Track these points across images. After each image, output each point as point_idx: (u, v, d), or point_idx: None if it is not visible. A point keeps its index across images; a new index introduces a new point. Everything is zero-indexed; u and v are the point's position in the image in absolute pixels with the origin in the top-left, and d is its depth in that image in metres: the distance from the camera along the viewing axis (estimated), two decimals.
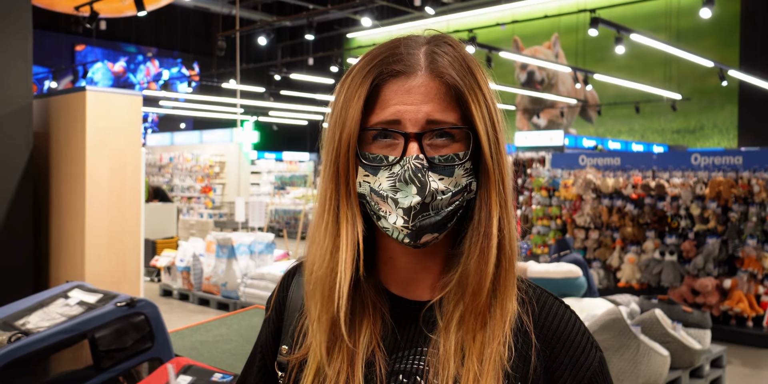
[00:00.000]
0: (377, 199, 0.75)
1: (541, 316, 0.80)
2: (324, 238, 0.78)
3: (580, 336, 0.80)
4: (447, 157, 0.74)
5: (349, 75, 0.78)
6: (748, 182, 5.76)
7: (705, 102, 16.73)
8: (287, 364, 0.84)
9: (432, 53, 0.76)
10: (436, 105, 0.74)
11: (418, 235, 0.74)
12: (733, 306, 5.78)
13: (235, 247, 6.96)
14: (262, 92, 16.82)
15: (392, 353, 0.79)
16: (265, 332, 0.92)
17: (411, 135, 0.73)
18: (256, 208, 8.28)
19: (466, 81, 0.74)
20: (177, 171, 14.91)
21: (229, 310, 6.89)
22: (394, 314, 0.81)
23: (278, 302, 0.91)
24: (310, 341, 0.80)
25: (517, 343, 0.77)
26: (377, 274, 0.82)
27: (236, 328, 3.21)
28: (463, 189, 0.76)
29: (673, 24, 15.40)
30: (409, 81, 0.74)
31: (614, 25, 9.24)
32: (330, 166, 0.78)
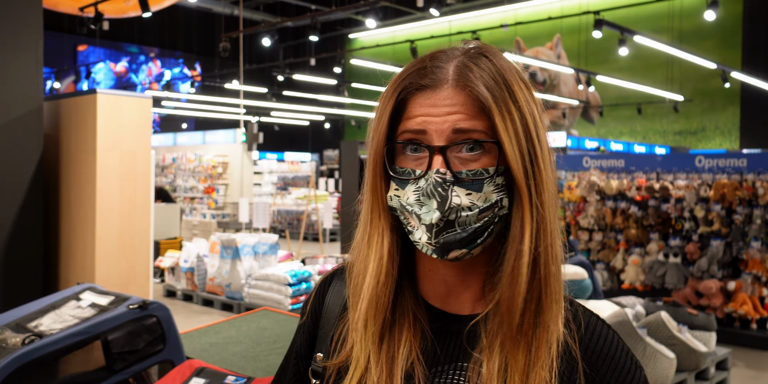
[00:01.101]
0: (406, 213, 0.76)
1: (586, 336, 0.79)
2: (368, 250, 0.79)
3: (624, 357, 0.79)
4: (475, 172, 0.73)
5: (385, 91, 0.79)
6: (753, 184, 5.77)
7: (707, 103, 16.74)
8: (322, 371, 0.85)
9: (462, 66, 0.74)
10: (463, 115, 0.72)
11: (444, 250, 0.73)
12: (737, 308, 5.79)
13: (240, 247, 6.97)
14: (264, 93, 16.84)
15: (432, 366, 0.79)
16: (300, 338, 0.92)
17: (435, 148, 0.72)
18: (260, 209, 8.29)
19: (496, 93, 0.72)
20: (180, 171, 14.93)
21: (233, 311, 6.90)
22: (434, 327, 0.80)
23: (314, 309, 0.91)
24: (350, 347, 0.81)
25: (562, 366, 0.76)
26: (417, 286, 0.82)
27: (245, 330, 3.22)
28: (493, 205, 0.73)
29: (676, 25, 15.42)
30: (435, 94, 0.74)
31: (618, 26, 9.25)
32: (369, 179, 0.80)
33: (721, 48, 15.88)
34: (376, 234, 0.79)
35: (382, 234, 0.78)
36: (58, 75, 18.79)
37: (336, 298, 0.89)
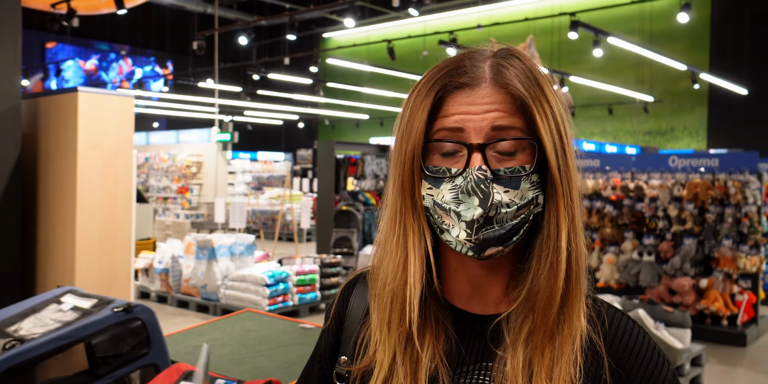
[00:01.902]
0: (440, 212, 0.75)
1: (610, 332, 0.79)
2: (396, 251, 0.78)
3: (651, 351, 0.79)
4: (513, 170, 0.73)
5: (415, 89, 0.78)
6: (725, 184, 5.90)
7: (676, 104, 17.05)
8: (346, 374, 0.84)
9: (497, 65, 0.75)
10: (501, 113, 0.73)
11: (482, 248, 0.73)
12: (709, 305, 5.92)
13: (216, 248, 6.91)
14: (238, 92, 16.69)
15: (456, 368, 0.79)
16: (324, 342, 0.92)
17: (474, 146, 0.72)
18: (237, 209, 8.22)
19: (532, 92, 0.74)
20: (153, 171, 14.72)
21: (209, 313, 6.84)
22: (457, 328, 0.80)
23: (338, 313, 0.90)
24: (373, 352, 0.80)
25: (587, 362, 0.76)
26: (441, 287, 0.82)
27: (230, 332, 3.19)
28: (530, 202, 0.74)
29: (647, 27, 15.67)
30: (474, 92, 0.74)
31: (593, 28, 9.37)
32: (397, 178, 0.78)
33: (690, 50, 16.18)
34: (413, 234, 0.77)
35: (421, 234, 0.77)
36: (26, 73, 18.40)
37: (359, 303, 0.88)
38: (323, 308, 7.15)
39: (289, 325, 3.31)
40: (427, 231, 0.78)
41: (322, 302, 7.04)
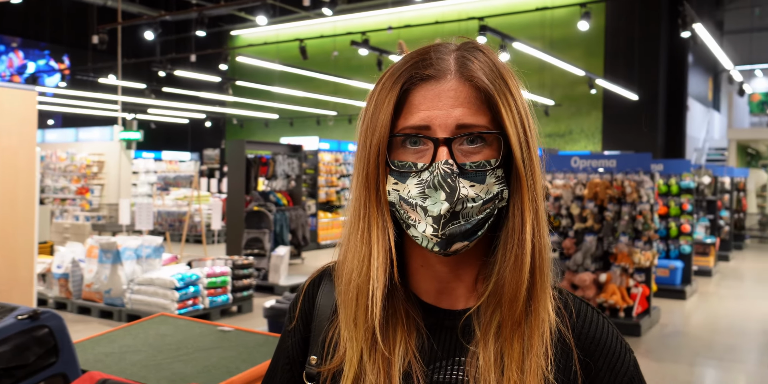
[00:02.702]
0: (406, 207, 0.74)
1: (578, 323, 0.80)
2: (360, 246, 0.77)
3: (615, 341, 0.81)
4: (479, 164, 0.73)
5: (380, 81, 0.77)
6: (622, 184, 6.27)
7: (574, 108, 17.91)
8: (317, 374, 0.83)
9: (462, 58, 0.75)
10: (467, 109, 0.72)
11: (448, 243, 0.73)
12: (608, 298, 6.27)
13: (121, 251, 6.62)
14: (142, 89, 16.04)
15: (429, 363, 0.78)
16: (290, 342, 0.89)
17: (440, 140, 0.72)
18: (144, 210, 7.91)
19: (497, 85, 0.73)
20: (49, 171, 13.88)
21: (113, 319, 6.54)
22: (428, 323, 0.79)
23: (304, 312, 0.88)
24: (343, 351, 0.79)
25: (557, 353, 0.77)
26: (408, 282, 0.81)
27: (143, 337, 3.07)
28: (495, 197, 0.74)
29: (547, 34, 16.37)
30: (439, 85, 0.73)
31: (499, 33, 9.70)
32: (361, 172, 0.77)
33: (587, 57, 17.04)
34: (376, 229, 0.76)
35: (385, 228, 0.76)
36: None
37: (327, 300, 0.86)
38: (235, 311, 7.01)
39: (206, 328, 3.23)
40: (390, 226, 0.77)
41: (234, 304, 6.90)
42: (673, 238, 8.59)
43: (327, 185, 13.64)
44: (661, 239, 8.56)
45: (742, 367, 5.39)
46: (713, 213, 10.99)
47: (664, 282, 8.10)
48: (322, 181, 13.43)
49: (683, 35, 9.81)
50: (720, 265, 11.08)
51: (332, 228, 13.29)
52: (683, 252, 8.47)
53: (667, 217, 8.62)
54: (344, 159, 14.29)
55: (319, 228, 12.76)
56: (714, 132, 20.88)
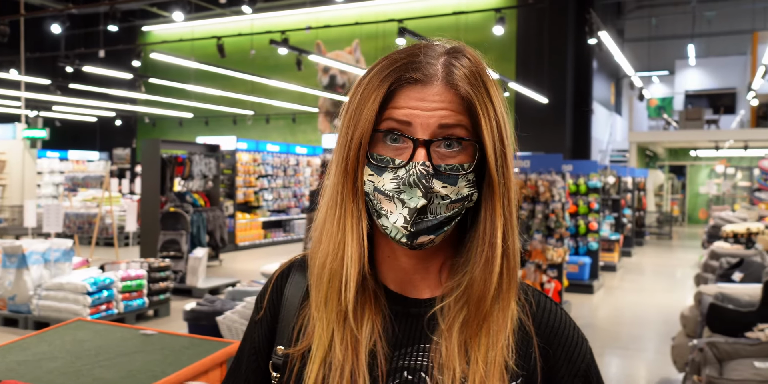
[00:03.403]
0: (380, 197, 0.77)
1: (538, 315, 0.85)
2: (335, 232, 0.80)
3: (572, 331, 0.86)
4: (453, 167, 0.76)
5: (366, 76, 0.80)
6: (535, 183, 6.55)
7: None
8: (283, 363, 0.85)
9: (450, 65, 0.78)
10: (449, 112, 0.76)
11: (415, 236, 0.76)
12: None
13: (27, 255, 6.28)
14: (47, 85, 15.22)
15: (394, 348, 0.81)
16: (258, 333, 0.91)
17: (420, 141, 0.75)
18: (52, 212, 7.54)
19: (478, 94, 0.77)
20: None
21: (19, 326, 6.21)
22: (393, 310, 0.83)
23: (272, 303, 0.90)
24: (312, 334, 0.82)
25: (520, 343, 0.81)
26: (375, 271, 0.84)
27: (59, 343, 2.95)
28: (464, 198, 0.78)
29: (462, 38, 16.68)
30: (425, 89, 0.76)
31: (418, 35, 9.88)
32: (341, 162, 0.80)
33: (500, 61, 17.55)
34: (351, 216, 0.80)
35: (360, 217, 0.80)
36: None
37: (295, 290, 0.89)
38: (151, 315, 6.81)
39: (128, 332, 3.14)
40: (365, 215, 0.80)
41: (150, 308, 6.70)
42: (581, 236, 9.03)
43: (245, 186, 13.43)
44: (571, 236, 8.98)
45: (645, 355, 5.76)
46: (617, 211, 11.63)
47: (574, 277, 8.50)
48: (240, 182, 13.22)
49: (590, 42, 10.33)
50: (623, 260, 11.74)
51: (251, 229, 13.11)
52: (591, 248, 8.92)
53: (577, 215, 9.06)
54: (262, 159, 14.11)
55: (237, 229, 12.55)
56: (617, 134, 22.04)
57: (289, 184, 14.92)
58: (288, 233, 14.48)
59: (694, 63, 21.71)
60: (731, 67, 21.69)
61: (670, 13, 20.19)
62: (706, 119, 17.68)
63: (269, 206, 14.18)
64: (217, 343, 2.96)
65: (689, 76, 22.47)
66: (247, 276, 9.06)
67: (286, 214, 14.64)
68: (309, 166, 15.64)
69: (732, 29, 20.20)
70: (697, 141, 18.02)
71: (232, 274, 9.39)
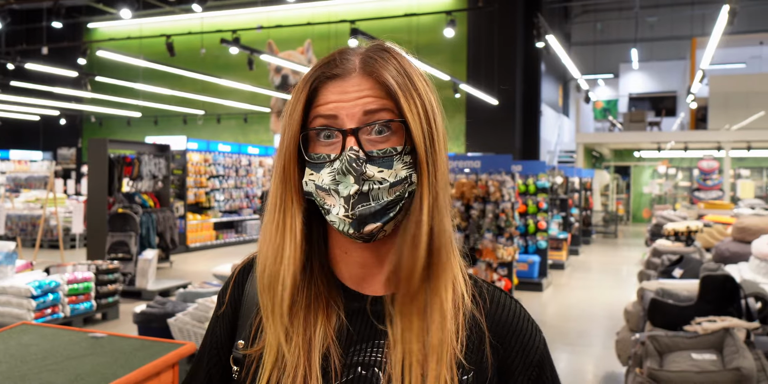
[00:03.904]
0: (322, 193, 0.79)
1: (491, 310, 0.86)
2: (274, 235, 0.81)
3: (526, 323, 0.88)
4: (385, 151, 0.78)
5: (296, 85, 0.83)
6: (486, 183, 6.67)
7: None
8: (243, 358, 0.86)
9: (367, 58, 0.81)
10: (371, 98, 0.78)
11: (361, 224, 0.77)
12: None
13: None
14: None
15: (349, 346, 0.82)
16: (219, 328, 0.92)
17: (348, 131, 0.77)
18: None
19: (399, 79, 0.79)
20: None
21: None
22: (349, 308, 0.84)
23: (233, 298, 0.92)
24: (266, 335, 0.82)
25: (471, 337, 0.82)
26: (330, 270, 0.86)
27: (3, 348, 2.88)
28: (403, 180, 0.79)
29: (413, 39, 16.92)
30: (345, 82, 0.79)
31: (371, 36, 9.93)
32: (279, 166, 0.82)
33: (451, 62, 17.81)
34: (289, 218, 0.81)
35: (294, 217, 0.81)
36: None
37: (255, 287, 0.89)
38: (99, 318, 6.66)
39: (76, 335, 3.08)
40: (302, 215, 0.82)
41: (98, 311, 6.55)
42: (530, 234, 9.23)
43: (196, 186, 13.24)
44: (520, 235, 9.17)
45: (591, 350, 5.94)
46: (565, 210, 11.92)
47: (524, 275, 8.69)
48: (191, 182, 13.02)
49: (538, 45, 10.55)
50: (571, 258, 12.05)
51: (202, 230, 12.93)
52: (540, 247, 9.13)
53: (526, 214, 9.26)
54: (213, 159, 13.93)
55: (188, 230, 12.36)
56: (564, 136, 22.56)
57: (241, 184, 14.77)
58: (240, 234, 14.33)
59: (637, 67, 22.45)
60: (672, 71, 22.50)
61: (614, 19, 20.80)
62: (648, 121, 18.26)
63: (221, 207, 14.01)
64: (169, 344, 2.93)
65: (632, 80, 23.21)
66: (198, 277, 8.94)
67: (238, 215, 14.49)
68: (261, 167, 15.52)
69: (672, 35, 20.94)
70: (640, 142, 18.61)
71: (182, 276, 9.25)
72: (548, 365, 0.88)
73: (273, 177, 0.84)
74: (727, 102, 16.72)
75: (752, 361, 2.82)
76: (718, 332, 3.22)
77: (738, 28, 12.80)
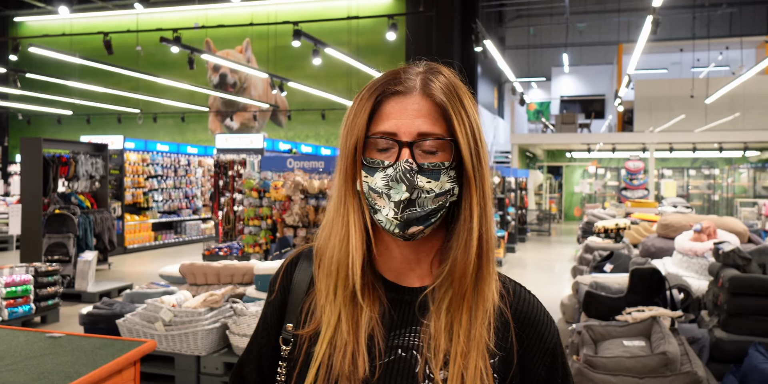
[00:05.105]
0: (374, 195, 0.90)
1: (514, 303, 0.98)
2: (341, 228, 0.93)
3: (543, 315, 1.00)
4: (434, 164, 0.89)
5: (360, 94, 0.94)
6: None
7: None
8: (293, 338, 0.98)
9: (426, 79, 0.92)
10: (426, 119, 0.89)
11: (406, 226, 0.89)
12: None
13: None
14: None
15: (390, 330, 0.93)
16: (269, 313, 1.05)
17: (404, 143, 0.88)
18: None
19: (452, 102, 0.90)
20: None
21: None
22: (389, 297, 0.95)
23: (283, 286, 1.04)
24: (319, 316, 0.94)
25: (498, 327, 0.94)
26: (374, 263, 0.97)
27: None
28: (447, 192, 0.90)
29: (353, 40, 17.07)
30: (406, 99, 0.90)
31: (313, 38, 10.00)
32: (341, 167, 0.94)
33: (390, 63, 17.88)
34: (352, 213, 0.93)
35: (357, 212, 0.93)
36: None
37: (303, 276, 1.02)
38: (38, 321, 6.51)
39: (32, 336, 3.08)
40: (366, 211, 0.93)
41: (37, 314, 6.41)
42: None
43: (134, 186, 12.96)
44: None
45: None
46: (502, 209, 12.31)
47: None
48: (129, 183, 12.75)
49: (477, 50, 10.87)
50: (508, 255, 12.44)
51: (140, 231, 12.68)
52: None
53: None
54: (151, 159, 13.67)
55: (126, 231, 12.11)
56: (500, 137, 23.15)
57: (181, 184, 14.54)
58: (180, 235, 14.12)
59: (567, 70, 23.26)
60: (600, 75, 23.43)
61: (546, 24, 21.50)
62: (579, 123, 18.95)
63: (159, 207, 13.76)
64: (130, 342, 2.98)
65: (564, 83, 24.03)
66: (138, 279, 8.81)
67: (178, 216, 14.27)
68: (201, 167, 15.30)
69: (600, 40, 21.83)
70: (571, 143, 19.30)
71: (122, 278, 9.09)
72: (560, 353, 1.00)
73: (336, 176, 0.96)
74: (651, 105, 17.55)
75: (677, 346, 3.10)
76: (646, 321, 3.51)
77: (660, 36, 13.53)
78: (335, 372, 0.90)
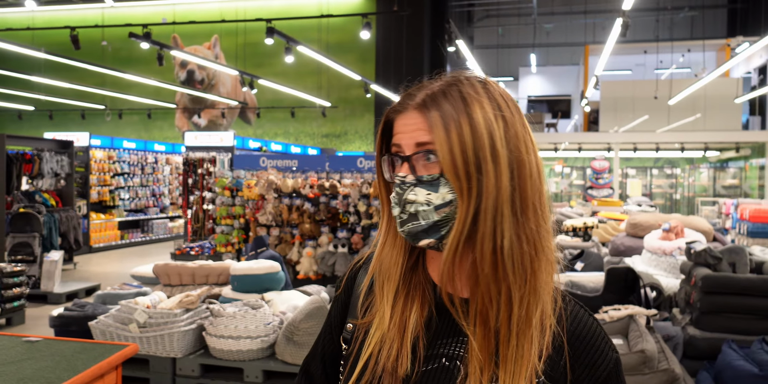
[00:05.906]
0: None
1: (572, 326, 0.94)
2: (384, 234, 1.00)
3: (600, 341, 0.94)
4: (433, 176, 0.89)
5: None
6: None
7: (348, 110, 18.84)
8: (351, 337, 1.02)
9: (431, 92, 0.92)
10: (422, 131, 0.90)
11: (415, 239, 0.91)
12: None
13: None
14: None
15: (436, 338, 0.94)
16: (334, 309, 1.10)
17: (404, 157, 0.92)
18: None
19: (448, 113, 0.87)
20: None
21: None
22: (438, 303, 0.96)
23: (347, 286, 1.09)
24: (374, 313, 0.98)
25: (552, 355, 0.90)
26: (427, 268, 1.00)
27: None
28: (449, 203, 0.88)
29: (324, 38, 17.00)
30: (405, 116, 0.93)
31: (285, 36, 9.92)
32: (379, 183, 1.00)
33: (360, 62, 18.03)
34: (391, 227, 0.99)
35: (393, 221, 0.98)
36: None
37: (364, 277, 1.06)
38: (3, 324, 6.35)
39: (8, 340, 3.01)
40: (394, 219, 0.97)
41: (2, 317, 6.25)
42: None
43: (99, 184, 12.72)
44: None
45: None
46: None
47: None
48: (94, 180, 12.50)
49: (449, 50, 10.92)
50: None
51: (106, 230, 12.45)
52: None
53: None
54: (118, 156, 13.42)
55: (91, 230, 11.88)
56: None
57: (148, 182, 14.31)
58: (146, 234, 13.89)
59: (535, 71, 23.55)
60: (567, 75, 23.78)
61: (514, 24, 21.75)
62: (546, 123, 19.23)
63: (126, 206, 13.52)
64: (111, 346, 2.93)
65: (531, 83, 24.33)
66: (105, 279, 8.65)
67: (144, 214, 14.04)
68: (168, 164, 15.08)
69: (567, 41, 22.16)
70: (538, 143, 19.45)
71: (88, 278, 8.91)
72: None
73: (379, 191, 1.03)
74: (615, 106, 17.89)
75: (653, 343, 3.18)
76: (623, 319, 3.58)
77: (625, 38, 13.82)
78: (380, 367, 0.93)
